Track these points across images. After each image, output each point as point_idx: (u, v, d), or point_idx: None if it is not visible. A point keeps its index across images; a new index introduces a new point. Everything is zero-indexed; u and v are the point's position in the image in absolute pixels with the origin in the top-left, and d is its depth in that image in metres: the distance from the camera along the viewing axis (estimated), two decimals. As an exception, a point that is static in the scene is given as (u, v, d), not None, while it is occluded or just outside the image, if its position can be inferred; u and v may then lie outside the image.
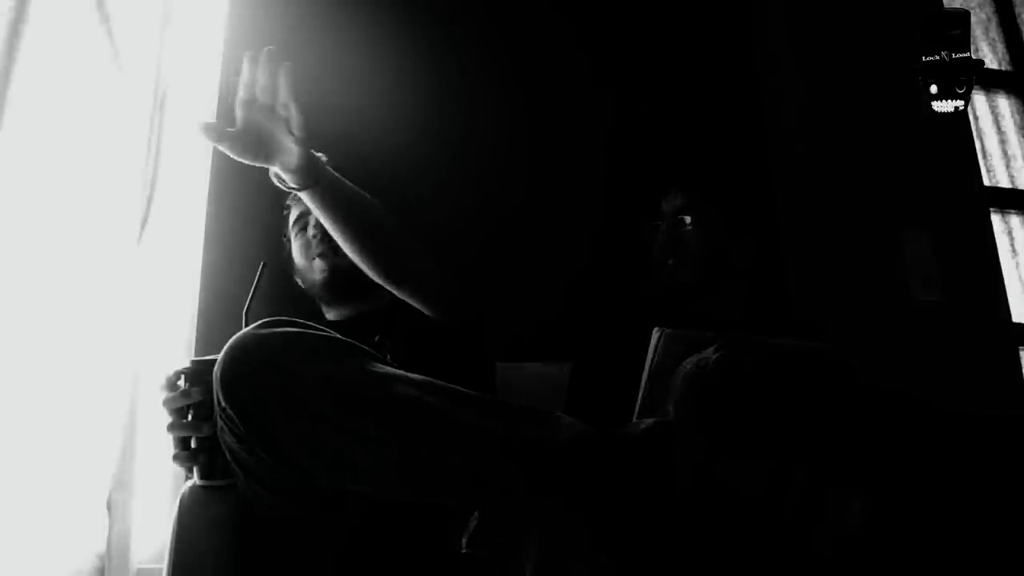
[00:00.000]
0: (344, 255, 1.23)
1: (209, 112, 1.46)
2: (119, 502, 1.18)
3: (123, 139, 1.29)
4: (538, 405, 0.83)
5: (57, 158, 1.25)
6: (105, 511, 1.17)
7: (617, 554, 0.71)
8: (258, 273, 0.99)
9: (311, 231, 1.27)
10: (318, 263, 1.26)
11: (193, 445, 0.90)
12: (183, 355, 1.35)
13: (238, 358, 0.79)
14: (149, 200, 1.29)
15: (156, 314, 1.32)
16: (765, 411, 1.08)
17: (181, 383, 0.91)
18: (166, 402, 0.91)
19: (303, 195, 1.03)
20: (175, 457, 0.91)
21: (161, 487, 1.29)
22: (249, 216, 1.42)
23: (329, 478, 0.80)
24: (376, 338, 1.14)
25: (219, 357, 0.81)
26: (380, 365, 0.83)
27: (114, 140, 1.29)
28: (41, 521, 1.13)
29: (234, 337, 0.82)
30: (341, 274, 1.24)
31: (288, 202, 1.33)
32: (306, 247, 1.29)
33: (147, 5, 1.35)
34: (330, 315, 1.32)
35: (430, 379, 0.82)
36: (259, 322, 0.84)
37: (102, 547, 1.16)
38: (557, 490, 0.73)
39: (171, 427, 0.91)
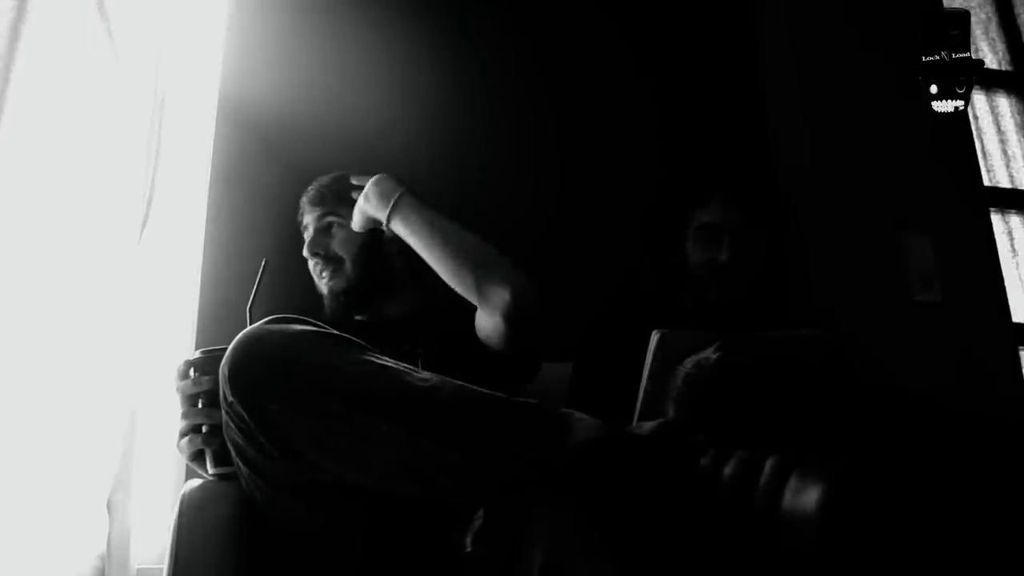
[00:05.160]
0: (341, 276, 1.25)
1: (209, 113, 1.46)
2: (119, 502, 1.18)
3: (123, 139, 1.30)
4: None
5: (57, 158, 1.25)
6: (105, 512, 1.17)
7: (624, 553, 0.71)
8: (260, 270, 1.00)
9: (306, 252, 1.27)
10: (318, 283, 1.28)
11: (204, 431, 0.92)
12: (183, 354, 1.35)
13: (246, 353, 0.80)
14: (149, 200, 1.29)
15: (156, 313, 1.33)
16: (763, 410, 1.08)
17: (192, 373, 0.91)
18: (179, 389, 0.93)
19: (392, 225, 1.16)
20: (190, 440, 0.92)
21: (161, 487, 1.29)
22: (248, 215, 1.42)
23: (337, 472, 0.80)
24: (405, 347, 1.13)
25: (227, 352, 0.81)
26: (390, 361, 0.83)
27: (114, 140, 1.29)
28: (42, 522, 1.13)
29: (242, 333, 0.82)
30: (342, 295, 1.25)
31: (298, 218, 1.33)
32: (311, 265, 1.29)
33: (147, 5, 1.35)
34: (357, 316, 1.31)
35: (441, 376, 0.82)
36: (267, 318, 0.84)
37: (102, 548, 1.16)
38: (566, 489, 0.74)
39: (184, 415, 0.92)
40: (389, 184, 1.18)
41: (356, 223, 1.22)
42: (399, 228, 1.16)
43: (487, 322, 1.10)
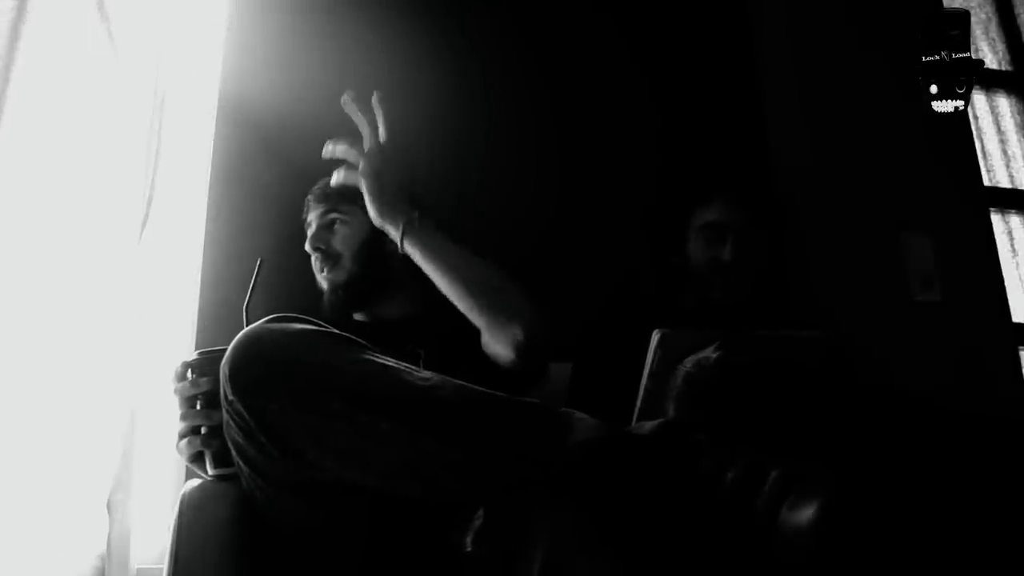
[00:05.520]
0: (341, 270, 1.24)
1: (209, 113, 1.46)
2: (119, 502, 1.18)
3: (123, 139, 1.30)
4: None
5: (57, 158, 1.25)
6: (105, 512, 1.17)
7: (624, 553, 0.71)
8: (256, 269, 1.00)
9: (308, 246, 1.26)
10: (319, 278, 1.27)
11: (203, 432, 0.91)
12: (183, 355, 1.35)
13: (247, 352, 0.80)
14: (149, 200, 1.29)
15: (156, 313, 1.33)
16: (763, 410, 1.08)
17: (189, 374, 0.91)
18: (177, 391, 0.93)
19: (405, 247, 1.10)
20: (189, 442, 0.92)
21: (161, 487, 1.29)
22: (248, 215, 1.42)
23: (337, 471, 0.80)
24: (407, 348, 1.12)
25: (227, 352, 0.81)
26: (390, 360, 0.83)
27: (114, 140, 1.29)
28: (41, 522, 1.13)
29: (242, 332, 0.82)
30: (340, 289, 1.25)
31: (303, 215, 1.33)
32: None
33: (147, 5, 1.35)
34: (357, 316, 1.31)
35: (442, 375, 0.82)
36: (267, 317, 0.84)
37: (102, 548, 1.16)
38: (567, 489, 0.74)
39: (183, 416, 0.92)
40: (395, 208, 1.11)
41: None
42: (412, 254, 1.12)
43: (497, 349, 1.08)
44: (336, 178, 1.10)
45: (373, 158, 1.08)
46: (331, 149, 1.10)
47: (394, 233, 1.11)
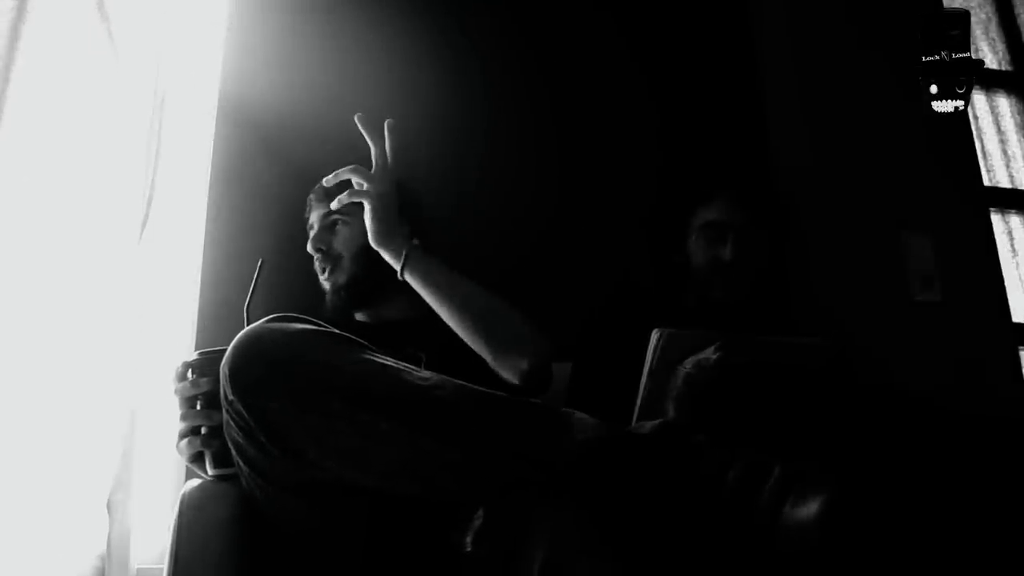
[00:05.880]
0: (341, 272, 1.24)
1: (209, 113, 1.46)
2: (119, 502, 1.18)
3: (123, 139, 1.30)
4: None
5: (57, 158, 1.25)
6: (105, 512, 1.17)
7: (624, 553, 0.71)
8: (257, 270, 1.00)
9: (310, 247, 1.27)
10: (321, 279, 1.27)
11: (203, 432, 0.91)
12: (183, 354, 1.35)
13: (247, 352, 0.80)
14: (149, 200, 1.29)
15: (156, 313, 1.33)
16: (762, 412, 1.08)
17: (190, 375, 0.91)
18: (177, 391, 0.93)
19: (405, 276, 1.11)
20: (189, 442, 0.91)
21: (161, 487, 1.29)
22: (248, 215, 1.42)
23: (337, 471, 0.80)
24: (408, 350, 1.12)
25: (227, 351, 0.81)
26: (390, 360, 0.83)
27: (114, 140, 1.29)
28: (41, 522, 1.13)
29: (243, 332, 0.82)
30: (342, 290, 1.25)
31: (305, 215, 1.33)
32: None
33: (147, 5, 1.35)
34: (358, 316, 1.31)
35: (441, 376, 0.83)
36: (268, 317, 0.84)
37: (102, 548, 1.16)
38: (567, 489, 0.74)
39: (183, 417, 0.92)
40: (394, 235, 1.12)
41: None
42: (412, 283, 1.13)
43: (502, 375, 1.11)
44: (337, 203, 1.11)
45: (378, 181, 1.10)
46: (332, 177, 1.12)
47: (393, 261, 1.12)
